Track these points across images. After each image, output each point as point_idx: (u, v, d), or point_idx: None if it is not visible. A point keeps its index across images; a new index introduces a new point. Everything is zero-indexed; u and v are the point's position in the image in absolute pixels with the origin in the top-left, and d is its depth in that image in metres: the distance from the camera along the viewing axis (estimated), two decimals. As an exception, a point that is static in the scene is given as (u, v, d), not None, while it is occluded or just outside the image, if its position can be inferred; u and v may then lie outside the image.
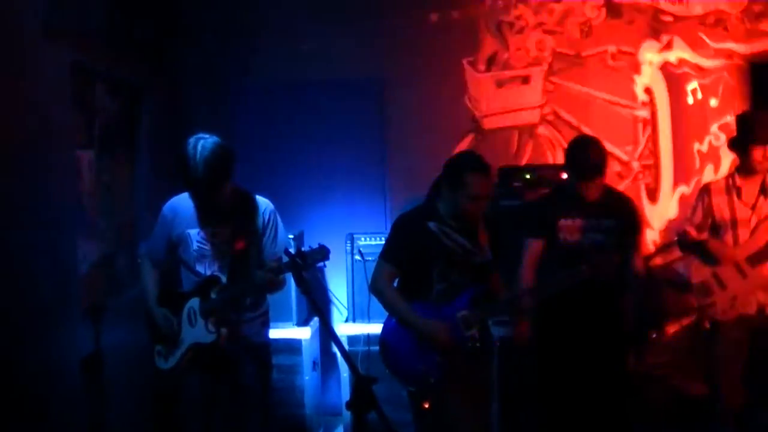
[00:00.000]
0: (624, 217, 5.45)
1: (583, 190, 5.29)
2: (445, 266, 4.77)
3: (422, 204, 4.95)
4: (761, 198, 5.45)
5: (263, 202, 4.94)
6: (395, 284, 4.95)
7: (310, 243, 5.69)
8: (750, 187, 5.49)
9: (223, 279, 4.77)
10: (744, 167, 5.47)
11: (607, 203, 5.40)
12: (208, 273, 4.84)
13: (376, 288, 4.92)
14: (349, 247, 6.59)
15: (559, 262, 5.14)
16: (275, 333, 6.29)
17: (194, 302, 4.80)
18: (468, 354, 4.71)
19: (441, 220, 4.79)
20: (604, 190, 5.40)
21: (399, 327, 4.82)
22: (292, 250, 4.36)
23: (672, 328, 6.81)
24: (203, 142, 4.59)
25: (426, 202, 4.93)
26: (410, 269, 4.85)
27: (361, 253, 6.57)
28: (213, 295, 4.76)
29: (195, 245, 4.84)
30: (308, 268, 4.43)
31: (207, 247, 4.83)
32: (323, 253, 4.56)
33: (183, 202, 4.90)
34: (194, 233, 4.84)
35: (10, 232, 4.40)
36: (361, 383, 3.53)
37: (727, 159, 7.04)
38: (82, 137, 5.40)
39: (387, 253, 4.91)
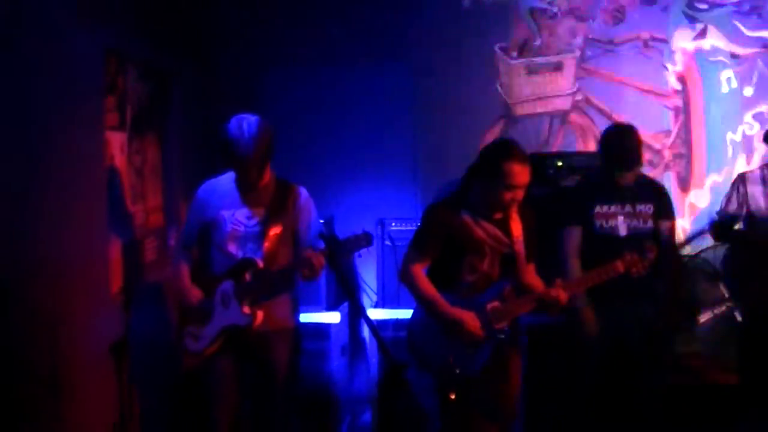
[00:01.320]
0: (658, 201, 5.43)
1: (618, 177, 5.27)
2: (475, 257, 4.68)
3: (454, 192, 4.83)
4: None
5: (299, 188, 4.94)
6: (425, 273, 4.82)
7: (341, 227, 5.73)
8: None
9: (259, 261, 4.75)
10: None
11: (640, 189, 5.39)
12: (241, 255, 4.81)
13: (405, 276, 4.81)
14: (380, 232, 6.59)
15: (595, 250, 5.09)
16: (304, 317, 6.34)
17: (227, 284, 4.75)
18: (496, 347, 4.62)
19: (473, 210, 4.68)
20: (637, 176, 5.39)
21: (427, 316, 4.72)
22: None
23: (704, 317, 6.78)
24: (248, 121, 4.61)
25: (458, 190, 4.81)
26: (440, 259, 4.75)
27: (391, 239, 6.57)
28: (248, 278, 4.73)
29: (229, 227, 4.79)
30: (348, 254, 4.47)
31: (241, 228, 4.79)
32: (367, 239, 4.51)
33: (217, 184, 4.90)
34: (229, 215, 4.80)
35: (41, 215, 4.42)
36: (393, 369, 3.52)
37: (761, 149, 6.99)
38: (114, 120, 5.41)
39: (417, 242, 4.81)
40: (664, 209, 5.47)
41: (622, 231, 5.30)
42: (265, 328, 4.77)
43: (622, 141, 5.31)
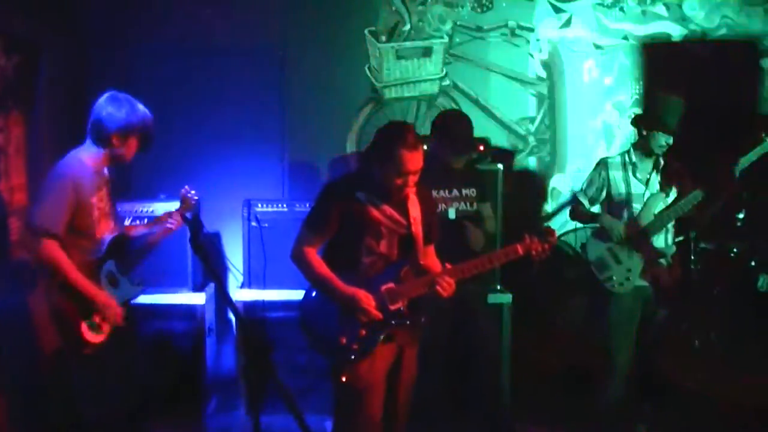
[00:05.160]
0: (481, 186, 5.78)
1: (453, 162, 5.50)
2: (372, 239, 4.58)
3: (353, 172, 4.83)
4: (654, 173, 5.65)
5: None
6: (320, 254, 4.72)
7: (207, 209, 5.71)
8: (644, 164, 5.68)
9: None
10: (642, 146, 5.64)
11: (469, 173, 5.72)
12: (107, 235, 4.83)
13: (296, 256, 4.67)
14: (246, 213, 6.57)
15: None
16: (171, 298, 6.31)
17: (110, 264, 4.81)
18: (391, 329, 4.55)
19: (370, 191, 4.56)
20: (467, 162, 5.71)
21: (320, 297, 4.62)
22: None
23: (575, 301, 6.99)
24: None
25: (357, 170, 4.80)
26: (336, 240, 4.66)
27: (257, 220, 6.55)
28: (128, 252, 4.84)
29: (96, 211, 4.78)
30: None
31: (101, 209, 4.82)
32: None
33: (80, 168, 4.75)
34: (95, 200, 4.77)
35: None
36: (256, 351, 3.52)
37: (620, 136, 7.25)
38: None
39: (311, 221, 4.65)
40: (488, 192, 5.84)
41: (452, 214, 5.56)
42: None
43: (456, 127, 5.52)
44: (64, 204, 4.58)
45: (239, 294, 6.55)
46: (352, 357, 4.51)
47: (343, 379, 4.50)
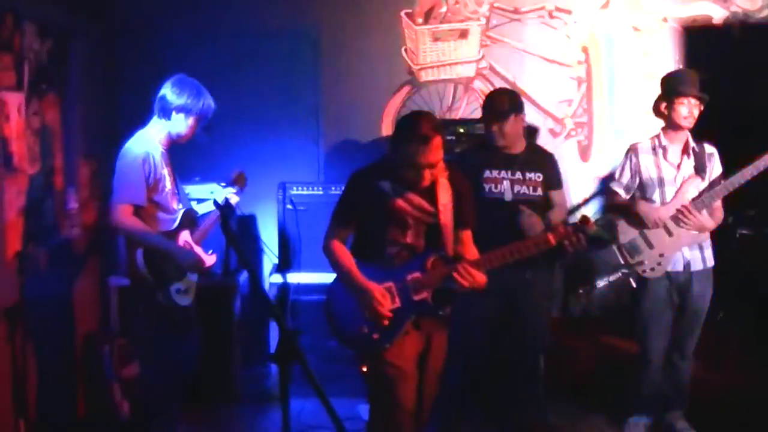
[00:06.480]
0: (547, 170, 5.65)
1: (496, 137, 5.48)
2: (397, 229, 4.49)
3: (378, 160, 4.64)
4: (685, 157, 5.58)
5: None
6: (348, 244, 4.67)
7: (243, 192, 5.76)
8: (674, 147, 5.62)
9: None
10: (669, 124, 5.57)
11: (529, 156, 5.60)
12: (179, 207, 5.24)
13: (324, 247, 4.61)
14: (281, 196, 6.58)
15: (483, 214, 4.87)
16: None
17: (185, 235, 5.15)
18: (414, 320, 4.48)
19: (396, 180, 4.43)
20: (528, 145, 5.64)
21: (346, 288, 4.55)
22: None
23: (601, 283, 6.94)
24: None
25: (383, 158, 4.62)
26: (362, 230, 4.61)
27: (293, 203, 6.57)
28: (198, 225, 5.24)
29: (169, 184, 5.14)
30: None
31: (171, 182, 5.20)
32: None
33: (150, 144, 5.07)
34: (166, 172, 5.13)
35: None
36: (285, 336, 3.49)
37: (659, 120, 7.15)
38: (10, 80, 5.30)
39: (337, 213, 4.60)
40: (554, 178, 5.73)
41: (508, 196, 5.49)
42: None
43: (492, 100, 5.57)
44: (143, 177, 4.93)
45: (273, 278, 6.58)
46: (372, 347, 4.46)
47: (364, 369, 4.46)
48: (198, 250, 5.19)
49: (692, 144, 5.60)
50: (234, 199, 5.55)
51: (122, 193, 4.92)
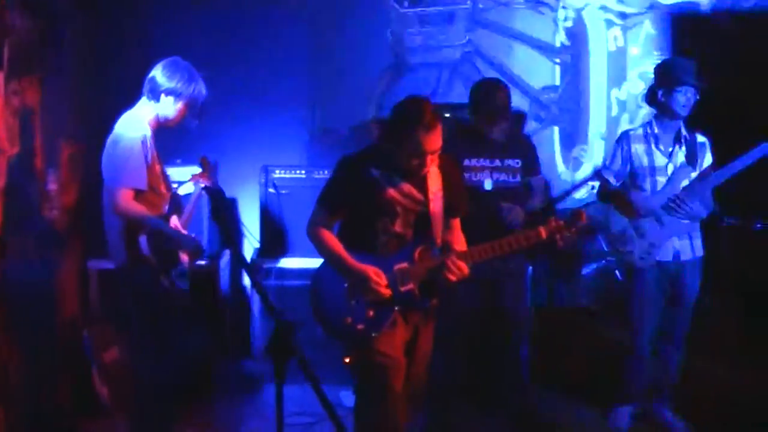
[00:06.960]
0: (525, 156, 5.61)
1: (487, 132, 5.40)
2: (387, 218, 4.37)
3: (369, 147, 4.52)
4: (677, 146, 5.54)
5: None
6: (335, 232, 4.54)
7: (225, 174, 5.70)
8: (666, 135, 5.56)
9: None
10: (664, 112, 5.52)
11: (509, 143, 5.53)
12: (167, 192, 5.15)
13: (310, 233, 4.49)
14: (264, 179, 6.50)
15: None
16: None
17: (174, 219, 5.10)
18: (400, 311, 4.40)
19: (387, 167, 4.31)
20: (506, 131, 5.54)
21: (333, 275, 4.43)
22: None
23: (586, 270, 6.94)
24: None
25: (374, 145, 4.53)
26: (350, 219, 4.49)
27: (275, 186, 6.49)
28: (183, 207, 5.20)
29: (158, 168, 5.05)
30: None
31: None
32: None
33: (143, 126, 4.95)
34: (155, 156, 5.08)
35: None
36: (281, 329, 3.39)
37: (645, 107, 7.12)
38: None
39: (324, 198, 4.45)
40: (532, 164, 5.67)
41: (488, 185, 5.45)
42: None
43: (490, 96, 5.41)
44: (143, 161, 4.84)
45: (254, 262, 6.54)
46: (357, 338, 4.37)
47: (346, 361, 4.39)
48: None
49: (684, 133, 5.56)
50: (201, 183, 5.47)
51: (124, 177, 4.78)
